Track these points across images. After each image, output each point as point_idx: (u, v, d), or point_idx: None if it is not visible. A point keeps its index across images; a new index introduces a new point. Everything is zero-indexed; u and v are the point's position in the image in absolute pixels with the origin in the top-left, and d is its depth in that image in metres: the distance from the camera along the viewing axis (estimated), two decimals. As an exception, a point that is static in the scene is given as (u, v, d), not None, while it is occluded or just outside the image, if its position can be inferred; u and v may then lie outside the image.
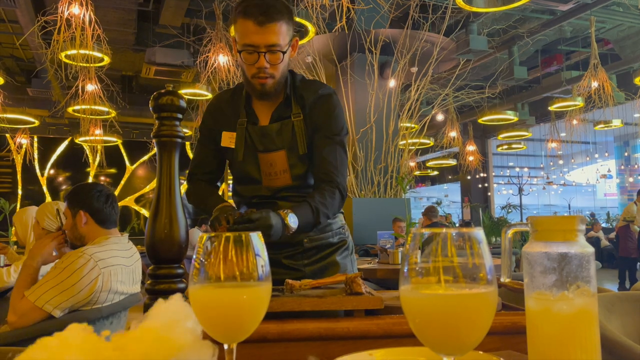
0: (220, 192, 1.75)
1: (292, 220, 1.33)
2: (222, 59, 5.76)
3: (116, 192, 12.41)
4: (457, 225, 14.47)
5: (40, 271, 1.98)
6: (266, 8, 1.39)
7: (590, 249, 0.58)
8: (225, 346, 0.60)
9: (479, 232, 0.52)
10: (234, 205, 1.56)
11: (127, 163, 12.69)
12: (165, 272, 1.02)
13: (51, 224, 2.87)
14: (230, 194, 13.27)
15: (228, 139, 1.57)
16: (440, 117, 8.44)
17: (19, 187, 11.87)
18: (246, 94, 1.57)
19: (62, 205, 2.92)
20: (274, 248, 1.51)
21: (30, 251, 2.01)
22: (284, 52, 1.44)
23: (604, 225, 14.26)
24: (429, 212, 6.99)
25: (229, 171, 1.78)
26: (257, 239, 0.61)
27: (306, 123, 1.53)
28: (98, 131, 7.63)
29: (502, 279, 0.79)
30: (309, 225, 1.41)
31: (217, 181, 1.72)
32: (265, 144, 1.53)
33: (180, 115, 1.05)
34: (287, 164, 1.53)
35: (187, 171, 1.67)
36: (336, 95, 1.60)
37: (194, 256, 0.60)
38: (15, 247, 5.72)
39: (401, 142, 6.42)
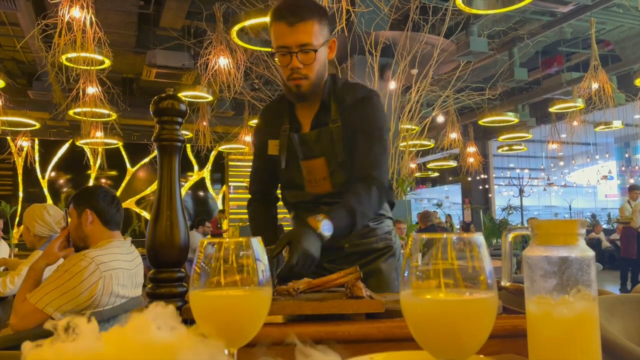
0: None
1: (326, 228, 1.29)
2: (223, 62, 5.76)
3: (117, 194, 12.42)
4: (457, 226, 14.46)
5: (44, 274, 1.98)
6: (296, 8, 1.41)
7: (591, 253, 0.58)
8: (226, 351, 0.60)
9: (478, 237, 0.52)
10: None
11: (128, 165, 12.70)
12: (166, 276, 1.02)
13: (42, 230, 2.84)
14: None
15: (274, 147, 1.58)
16: (440, 118, 8.43)
17: (20, 189, 11.88)
18: (290, 100, 1.57)
19: (51, 208, 2.90)
20: None
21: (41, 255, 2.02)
22: (316, 51, 1.43)
23: (605, 226, 14.24)
24: (424, 217, 7.34)
25: None
26: (257, 244, 0.61)
27: (345, 128, 1.51)
28: (99, 133, 7.64)
29: (502, 283, 0.79)
30: (347, 228, 1.37)
31: (275, 192, 1.71)
32: (304, 152, 1.53)
33: (180, 119, 1.06)
34: (327, 171, 1.52)
35: (248, 187, 1.71)
36: (377, 97, 1.56)
37: (195, 260, 0.60)
38: (17, 249, 5.72)
39: (402, 144, 6.42)
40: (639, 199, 8.26)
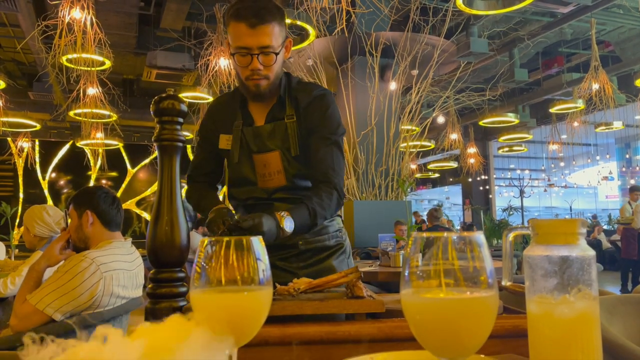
0: (221, 195, 1.76)
1: (288, 225, 1.32)
2: (223, 62, 5.77)
3: (117, 195, 12.42)
4: (458, 227, 14.46)
5: (44, 275, 1.98)
6: (258, 10, 1.40)
7: (592, 252, 0.58)
8: (227, 351, 0.60)
9: (479, 236, 0.52)
10: (229, 207, 1.56)
11: (129, 166, 12.71)
12: (166, 276, 1.02)
13: (42, 230, 2.84)
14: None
15: (225, 141, 1.59)
16: (441, 119, 8.44)
17: (20, 190, 11.89)
18: (242, 96, 1.58)
19: (50, 209, 2.90)
20: (267, 250, 1.48)
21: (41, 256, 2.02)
22: (276, 54, 1.45)
23: (605, 227, 14.23)
24: (432, 216, 7.32)
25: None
26: (258, 243, 0.61)
27: (300, 125, 1.54)
28: (99, 134, 7.65)
29: (503, 282, 0.79)
30: (306, 227, 1.41)
31: (217, 183, 1.73)
32: (259, 145, 1.55)
33: (181, 120, 1.06)
34: (282, 165, 1.54)
35: (187, 173, 1.69)
36: (331, 95, 1.60)
37: (195, 260, 0.60)
38: (17, 250, 5.72)
39: (402, 145, 6.42)
40: (640, 199, 8.27)
